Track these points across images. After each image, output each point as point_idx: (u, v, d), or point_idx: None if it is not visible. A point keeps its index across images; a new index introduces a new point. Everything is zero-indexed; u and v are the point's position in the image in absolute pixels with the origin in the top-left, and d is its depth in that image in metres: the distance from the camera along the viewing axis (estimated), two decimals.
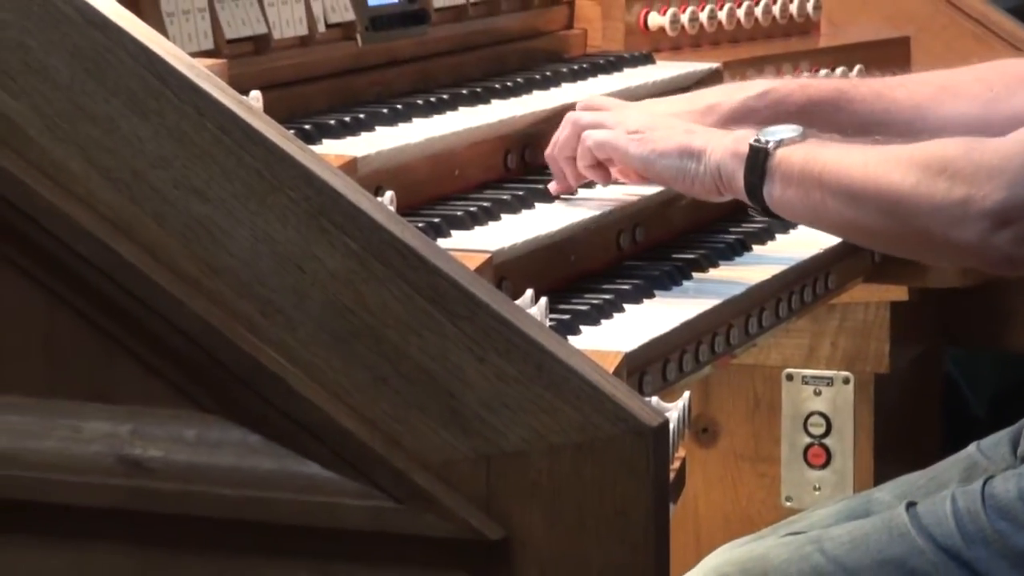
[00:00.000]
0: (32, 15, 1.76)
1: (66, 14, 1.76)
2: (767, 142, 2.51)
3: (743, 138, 2.54)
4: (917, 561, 2.53)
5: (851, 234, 2.65)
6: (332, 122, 2.61)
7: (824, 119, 2.74)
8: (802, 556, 2.58)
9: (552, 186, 2.70)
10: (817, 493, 3.39)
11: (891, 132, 2.67)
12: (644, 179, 2.67)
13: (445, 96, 2.84)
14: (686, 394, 2.37)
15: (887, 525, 2.57)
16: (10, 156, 1.76)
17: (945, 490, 2.60)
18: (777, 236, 2.91)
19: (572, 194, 2.69)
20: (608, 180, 2.69)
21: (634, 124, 2.64)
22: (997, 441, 2.74)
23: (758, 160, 2.51)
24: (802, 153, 2.51)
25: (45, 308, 1.79)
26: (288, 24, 2.70)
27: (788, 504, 3.39)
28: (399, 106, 2.74)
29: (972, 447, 2.77)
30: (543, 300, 2.30)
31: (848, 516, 2.72)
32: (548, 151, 2.70)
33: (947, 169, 2.40)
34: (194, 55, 2.18)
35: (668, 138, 2.60)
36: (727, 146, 2.55)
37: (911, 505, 2.58)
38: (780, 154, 2.50)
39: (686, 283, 2.67)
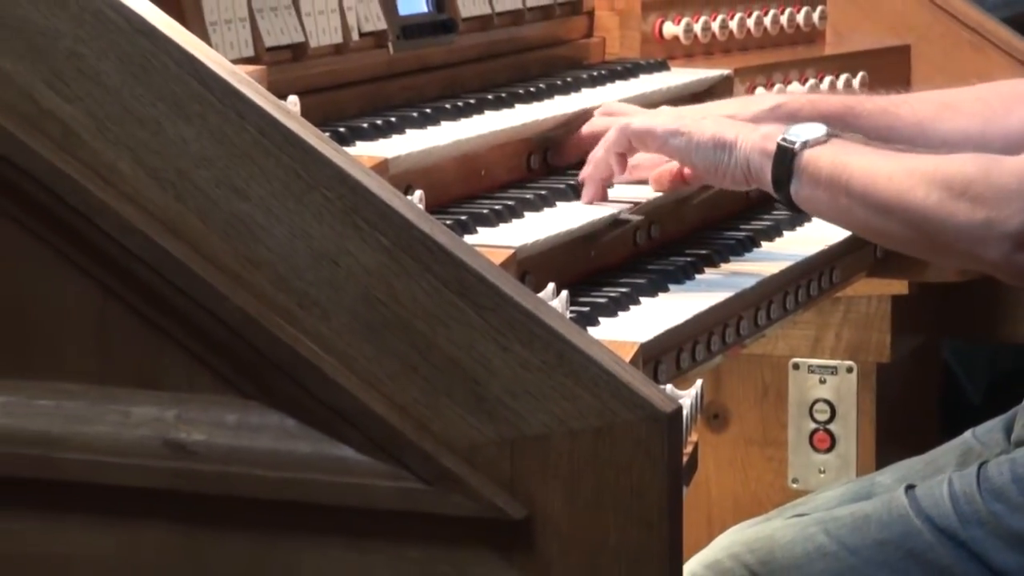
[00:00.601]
0: (85, 24, 1.77)
1: (116, 23, 1.76)
2: (794, 142, 2.49)
3: (771, 135, 2.52)
4: (915, 541, 2.52)
5: (877, 239, 2.69)
6: (365, 125, 2.61)
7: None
8: (807, 536, 2.58)
9: (586, 193, 2.68)
10: (822, 476, 3.39)
11: (888, 142, 2.67)
12: (664, 181, 2.67)
13: (472, 101, 2.84)
14: (698, 382, 2.37)
15: (887, 507, 2.57)
16: (65, 157, 1.77)
17: (942, 474, 2.60)
18: (785, 233, 2.90)
19: (603, 199, 2.67)
20: (624, 170, 2.68)
21: (668, 120, 2.64)
22: (991, 428, 2.73)
23: (785, 159, 2.50)
24: (829, 156, 2.49)
25: (97, 301, 1.79)
26: (324, 33, 2.70)
27: (794, 486, 3.39)
28: (428, 110, 2.74)
29: (968, 434, 2.76)
30: (564, 293, 2.30)
31: (851, 498, 2.72)
32: (594, 153, 2.68)
33: (968, 191, 2.40)
34: (235, 62, 2.18)
35: (703, 129, 2.58)
36: (755, 142, 2.53)
37: (910, 488, 2.57)
38: (807, 155, 2.49)
39: (699, 277, 2.66)
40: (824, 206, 2.54)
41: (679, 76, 3.25)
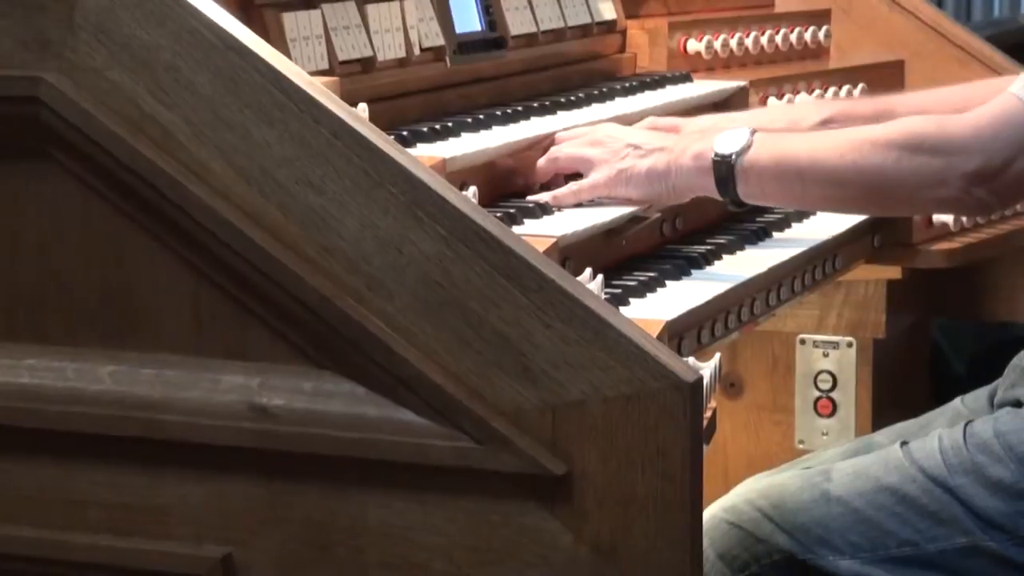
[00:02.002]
0: (182, 41, 1.77)
1: (209, 40, 1.76)
2: (728, 154, 2.50)
3: (702, 154, 2.52)
4: (909, 488, 2.52)
5: (833, 209, 2.72)
6: (425, 129, 2.61)
7: None
8: (812, 484, 2.58)
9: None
10: (824, 437, 3.38)
11: None
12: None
13: (519, 108, 2.83)
14: (717, 355, 2.36)
15: (884, 459, 2.57)
16: (164, 158, 1.77)
17: (933, 431, 2.60)
18: (793, 225, 2.89)
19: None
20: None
21: (600, 158, 2.60)
22: (977, 396, 2.73)
23: (723, 170, 2.50)
24: (767, 152, 2.51)
25: (192, 283, 1.79)
26: (390, 48, 2.70)
27: (800, 446, 3.38)
28: (481, 116, 2.73)
29: (957, 401, 2.76)
30: (599, 277, 2.30)
31: (851, 455, 2.71)
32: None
33: (924, 144, 2.45)
34: (312, 74, 2.18)
35: (636, 164, 2.57)
36: (689, 166, 2.53)
37: (904, 443, 2.58)
38: (746, 160, 2.50)
39: (717, 263, 2.66)
40: (776, 195, 2.57)
41: (701, 87, 3.24)
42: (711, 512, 2.60)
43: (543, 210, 2.53)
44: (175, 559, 1.79)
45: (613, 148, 2.61)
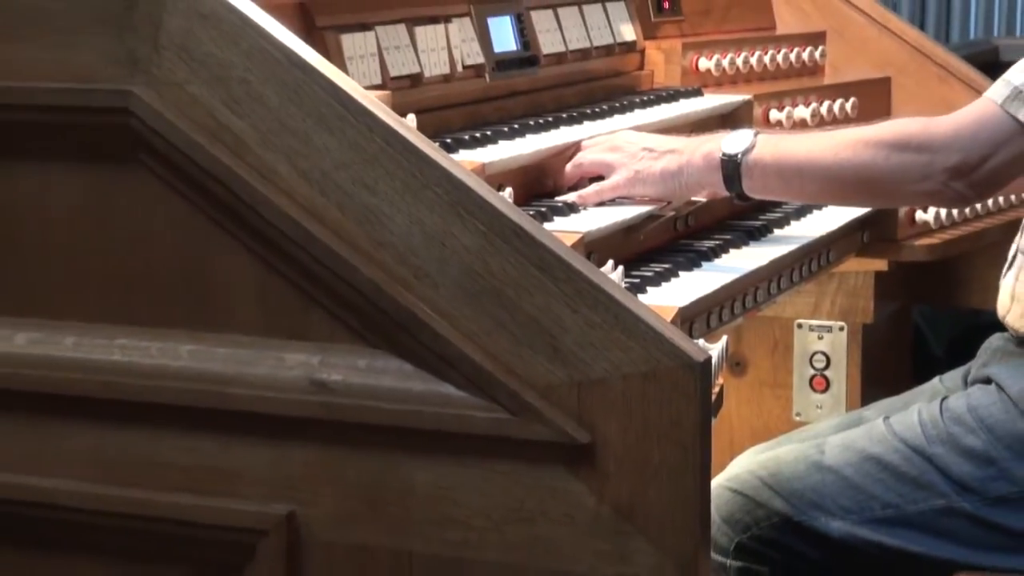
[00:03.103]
0: (253, 58, 1.77)
1: (277, 58, 1.76)
2: (735, 153, 2.52)
3: (711, 153, 2.54)
4: (892, 457, 2.52)
5: (829, 201, 2.74)
6: (466, 137, 2.60)
7: None
8: (806, 456, 2.57)
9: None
10: (819, 410, 3.37)
11: None
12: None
13: (550, 119, 2.83)
14: (724, 338, 2.36)
15: (869, 432, 2.57)
16: (236, 161, 1.77)
17: (913, 406, 2.60)
18: (792, 223, 2.88)
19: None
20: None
21: (620, 162, 2.60)
22: (953, 375, 2.73)
23: (731, 167, 2.52)
24: (770, 152, 2.52)
25: (260, 272, 1.79)
26: (435, 66, 2.70)
27: (797, 418, 3.37)
28: (516, 126, 2.73)
29: (936, 379, 2.76)
30: (620, 268, 2.29)
31: (842, 428, 2.71)
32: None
33: (911, 142, 2.46)
34: (367, 88, 2.18)
35: (651, 166, 2.58)
36: (700, 164, 2.55)
37: (887, 418, 2.58)
38: (750, 159, 2.52)
39: (725, 256, 2.65)
40: (777, 189, 2.58)
41: (710, 100, 3.23)
42: (716, 482, 2.60)
43: (571, 209, 2.53)
44: (245, 516, 1.79)
45: (630, 152, 2.62)
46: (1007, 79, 2.46)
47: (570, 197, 2.59)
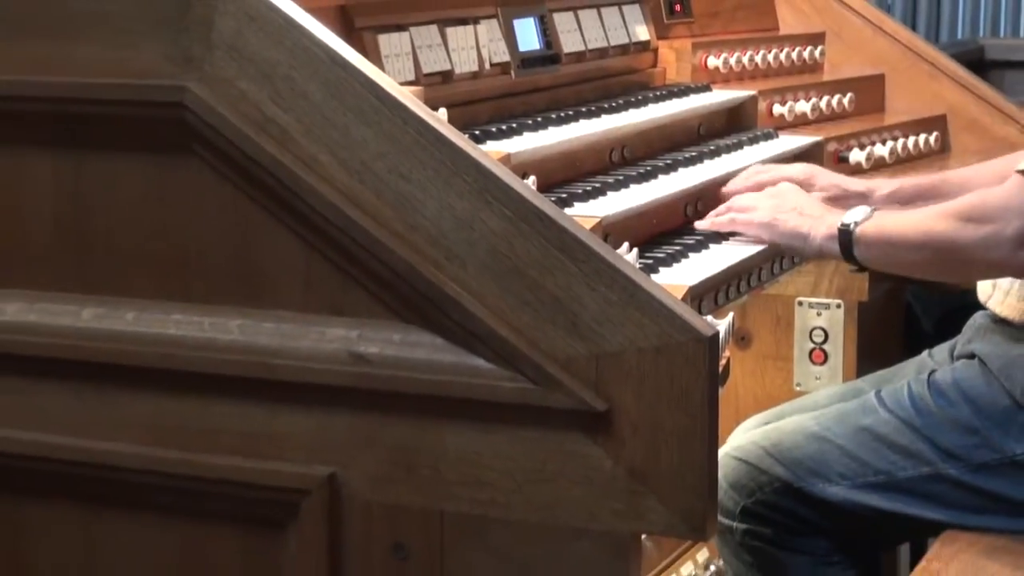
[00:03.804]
0: (297, 57, 1.76)
1: (319, 57, 1.76)
2: (849, 224, 2.51)
3: (833, 224, 2.53)
4: (884, 428, 2.52)
5: (919, 272, 2.65)
6: (493, 129, 2.60)
7: (928, 200, 2.74)
8: (804, 427, 2.58)
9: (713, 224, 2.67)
10: (817, 381, 3.36)
11: None
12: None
13: (570, 112, 2.83)
14: (730, 314, 2.35)
15: (862, 405, 2.57)
16: (282, 151, 1.77)
17: (903, 380, 2.60)
18: None
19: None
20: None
21: (766, 209, 2.63)
22: (941, 349, 2.73)
23: (846, 237, 2.51)
24: (874, 226, 2.50)
25: (304, 253, 1.79)
26: (465, 63, 2.70)
27: (798, 388, 3.35)
28: (539, 119, 2.73)
29: (924, 353, 2.76)
30: (635, 250, 2.29)
31: (838, 399, 2.71)
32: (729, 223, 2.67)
33: (972, 214, 2.40)
34: (402, 84, 2.17)
35: (787, 222, 2.59)
36: (823, 232, 2.54)
37: (878, 392, 2.58)
38: (859, 231, 2.50)
39: (732, 239, 2.65)
40: (880, 258, 2.54)
41: (718, 96, 3.22)
42: (722, 452, 2.61)
43: (589, 195, 2.52)
44: (289, 477, 1.79)
45: (779, 203, 2.63)
46: None
47: (704, 223, 2.63)
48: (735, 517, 2.57)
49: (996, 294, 2.59)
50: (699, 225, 2.64)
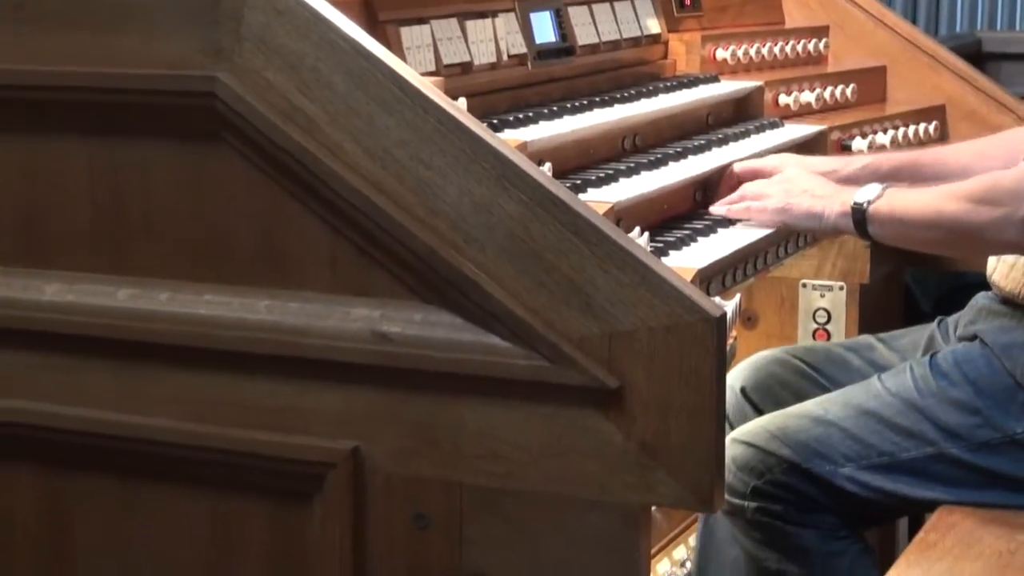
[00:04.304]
0: (323, 49, 1.75)
1: (344, 48, 1.75)
2: (863, 202, 2.51)
3: (846, 202, 2.53)
4: (887, 411, 2.51)
5: (931, 248, 2.66)
6: (511, 118, 2.59)
7: (905, 178, 2.74)
8: (809, 413, 2.57)
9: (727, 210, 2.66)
10: None
11: (946, 182, 2.72)
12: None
13: (585, 102, 2.82)
14: (737, 295, 2.35)
15: (866, 390, 2.57)
16: (308, 139, 1.76)
17: (905, 363, 2.60)
18: None
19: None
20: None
21: (778, 194, 2.62)
22: (945, 323, 2.72)
23: (859, 214, 2.51)
24: (887, 204, 2.50)
25: (329, 237, 1.78)
26: (483, 55, 2.69)
27: None
28: (554, 108, 2.72)
29: (935, 323, 2.75)
30: (646, 234, 2.28)
31: (847, 349, 2.75)
32: (742, 211, 2.65)
33: (985, 197, 2.39)
34: (423, 75, 2.17)
35: (800, 204, 2.59)
36: (837, 210, 2.54)
37: (880, 376, 2.58)
38: (872, 208, 2.50)
39: (739, 224, 2.64)
40: (892, 236, 2.53)
41: (726, 87, 3.21)
42: (730, 438, 2.61)
43: (603, 181, 2.51)
44: (315, 450, 1.79)
45: (789, 188, 2.62)
46: None
47: (719, 210, 2.62)
48: (746, 497, 2.56)
49: (1000, 267, 2.59)
50: (714, 210, 2.64)
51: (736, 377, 2.81)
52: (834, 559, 2.54)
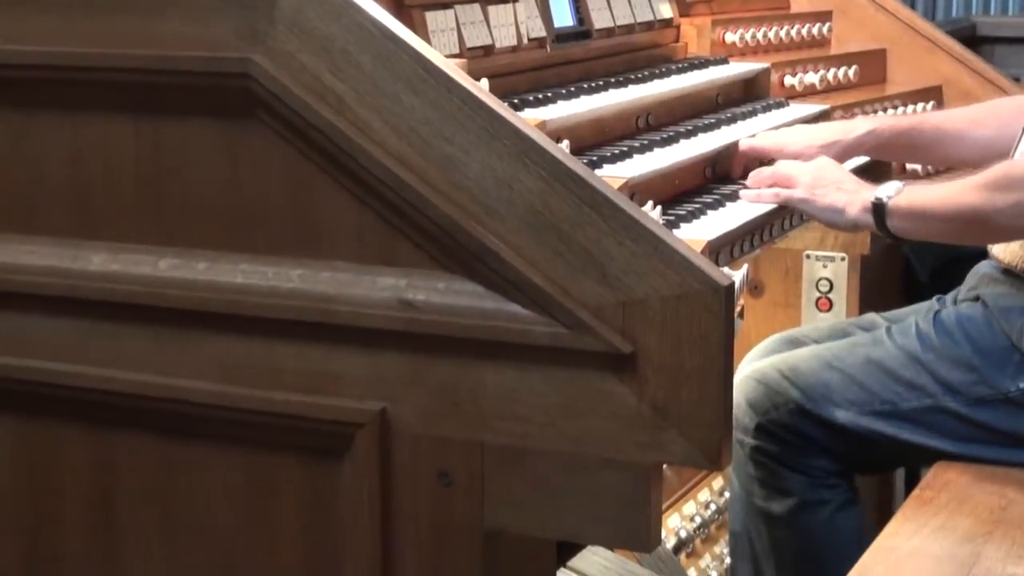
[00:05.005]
0: (352, 32, 1.74)
1: (372, 32, 1.73)
2: (883, 198, 2.47)
3: (867, 199, 2.49)
4: (891, 361, 2.53)
5: (949, 239, 2.61)
6: (531, 98, 2.58)
7: (904, 144, 2.73)
8: (819, 355, 2.61)
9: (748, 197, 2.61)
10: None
11: (943, 147, 2.68)
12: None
13: (600, 83, 2.81)
14: (745, 266, 2.34)
15: (873, 338, 2.59)
16: (338, 118, 1.74)
17: (911, 318, 2.61)
18: None
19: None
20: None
21: (805, 184, 2.57)
22: (949, 296, 2.72)
23: (880, 210, 2.47)
24: (906, 199, 2.46)
25: (357, 210, 1.77)
26: (504, 38, 2.68)
27: None
28: (572, 89, 2.71)
29: (934, 299, 2.75)
30: (658, 208, 2.27)
31: (854, 327, 2.74)
32: (763, 194, 2.60)
33: (999, 184, 2.36)
34: (447, 57, 2.15)
35: (824, 196, 2.54)
36: (857, 206, 2.50)
37: (889, 328, 2.60)
38: (892, 204, 2.46)
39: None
40: (912, 229, 2.49)
41: (735, 68, 3.19)
42: (744, 373, 2.62)
43: (617, 158, 2.50)
44: (345, 411, 1.78)
45: (820, 176, 2.56)
46: None
47: (750, 194, 2.56)
48: (749, 433, 2.58)
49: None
50: (744, 195, 2.57)
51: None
52: (815, 508, 2.56)
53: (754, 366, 2.63)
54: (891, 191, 2.48)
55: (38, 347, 1.93)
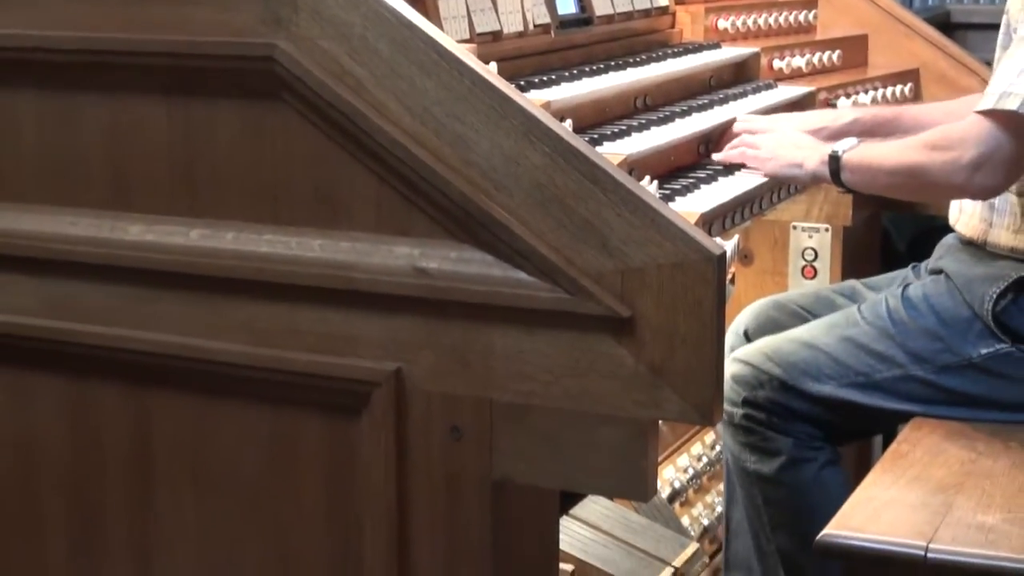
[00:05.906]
0: (370, 19, 1.72)
1: (388, 18, 1.72)
2: (838, 151, 2.50)
3: (824, 152, 2.52)
4: (863, 338, 2.53)
5: (894, 193, 2.63)
6: (536, 81, 2.57)
7: (886, 132, 2.71)
8: (798, 337, 2.61)
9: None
10: None
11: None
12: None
13: (601, 66, 2.79)
14: (736, 236, 2.33)
15: (846, 318, 2.60)
16: (357, 98, 1.73)
17: (881, 294, 2.61)
18: None
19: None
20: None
21: (768, 146, 2.60)
22: (921, 267, 2.72)
23: (835, 163, 2.49)
24: (858, 154, 2.49)
25: (375, 184, 1.76)
26: (512, 24, 2.66)
27: None
28: (575, 72, 2.69)
29: (910, 267, 2.76)
30: (655, 182, 2.26)
31: (835, 291, 2.77)
32: (732, 156, 2.64)
33: (937, 144, 2.37)
34: (458, 42, 2.14)
35: (784, 154, 2.57)
36: (816, 160, 2.53)
37: (860, 307, 2.60)
38: (846, 157, 2.49)
39: (737, 174, 2.62)
40: (861, 181, 2.51)
41: (727, 53, 3.18)
42: (732, 357, 2.63)
43: (616, 136, 2.49)
44: (362, 370, 1.77)
45: (780, 139, 2.60)
46: (992, 91, 2.36)
47: (719, 156, 2.61)
48: (738, 405, 2.58)
49: (962, 216, 2.59)
50: (715, 156, 2.63)
51: (740, 322, 2.83)
52: (804, 465, 2.57)
53: (740, 350, 2.63)
54: (847, 146, 2.51)
55: (81, 311, 1.92)
